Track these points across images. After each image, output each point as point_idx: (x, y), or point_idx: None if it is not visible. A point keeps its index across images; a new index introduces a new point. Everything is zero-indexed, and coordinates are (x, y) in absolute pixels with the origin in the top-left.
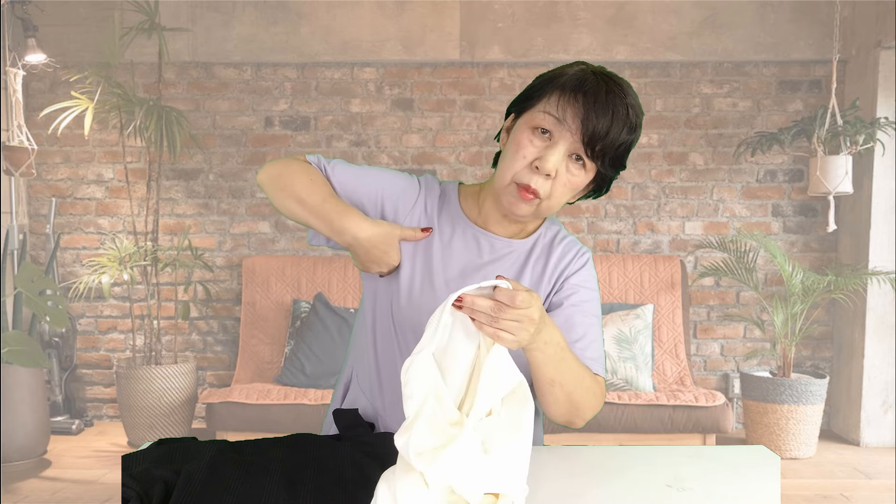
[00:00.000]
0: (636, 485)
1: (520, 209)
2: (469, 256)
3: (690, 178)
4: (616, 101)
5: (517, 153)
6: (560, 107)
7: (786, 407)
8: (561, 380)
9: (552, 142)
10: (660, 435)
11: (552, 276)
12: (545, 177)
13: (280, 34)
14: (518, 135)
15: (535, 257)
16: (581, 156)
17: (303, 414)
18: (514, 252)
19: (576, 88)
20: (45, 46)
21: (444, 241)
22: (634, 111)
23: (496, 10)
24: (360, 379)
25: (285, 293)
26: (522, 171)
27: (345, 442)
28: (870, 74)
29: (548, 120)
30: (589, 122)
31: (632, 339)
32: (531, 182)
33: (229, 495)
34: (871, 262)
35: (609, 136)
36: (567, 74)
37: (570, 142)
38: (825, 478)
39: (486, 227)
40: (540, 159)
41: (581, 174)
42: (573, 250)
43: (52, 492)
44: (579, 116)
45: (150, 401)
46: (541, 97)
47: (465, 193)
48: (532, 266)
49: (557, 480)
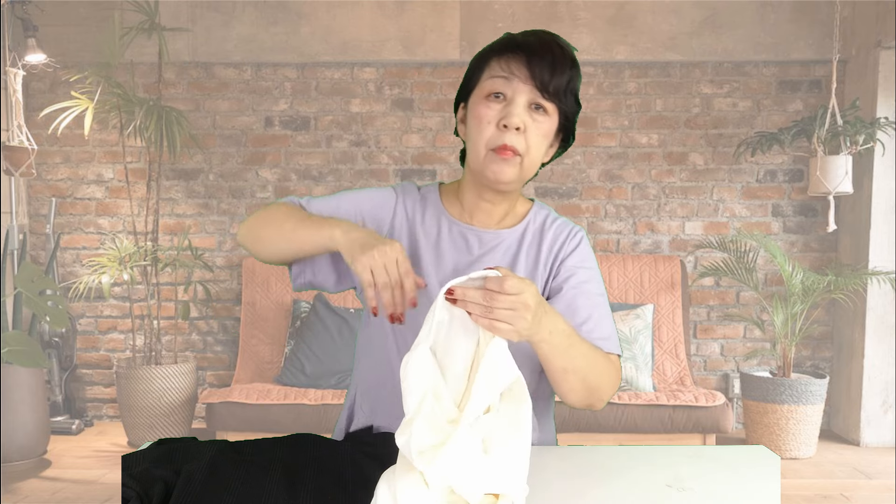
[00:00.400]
0: (636, 485)
1: (504, 173)
2: (459, 254)
3: (690, 178)
4: (550, 44)
5: (481, 123)
6: (503, 66)
7: (786, 407)
8: (573, 367)
9: (509, 99)
10: (660, 435)
11: (547, 261)
12: (515, 131)
13: (280, 34)
14: (475, 109)
15: (528, 244)
16: (540, 103)
17: (303, 414)
18: (504, 242)
19: (511, 46)
20: (45, 46)
21: (432, 242)
22: (568, 48)
23: (496, 10)
24: (364, 401)
25: (285, 293)
26: (492, 135)
27: (345, 442)
28: (870, 74)
29: (497, 83)
30: (534, 66)
31: (632, 339)
32: (506, 140)
33: (229, 495)
34: (871, 262)
35: (557, 74)
36: (496, 43)
37: (525, 92)
38: (825, 478)
39: (472, 222)
40: (504, 117)
41: (546, 120)
42: (565, 231)
43: (52, 492)
44: (525, 66)
45: (150, 401)
46: (482, 71)
47: (446, 192)
48: (525, 253)
49: (557, 480)
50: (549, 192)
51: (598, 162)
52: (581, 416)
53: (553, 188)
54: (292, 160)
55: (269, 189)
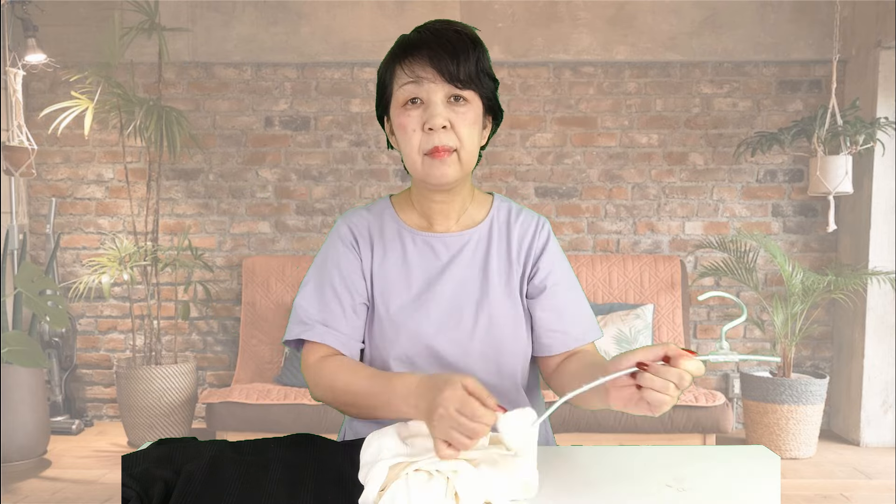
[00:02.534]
0: (636, 485)
1: (446, 174)
2: (427, 263)
3: (690, 178)
4: (445, 32)
5: (406, 132)
6: (408, 71)
7: (786, 407)
8: None
9: (426, 101)
10: (660, 435)
11: (519, 257)
12: (443, 130)
13: (280, 34)
14: (397, 120)
15: (496, 240)
16: (457, 94)
17: (303, 414)
18: (470, 241)
19: (407, 48)
20: (45, 46)
21: (398, 257)
22: (466, 29)
23: (496, 10)
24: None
25: (285, 293)
26: (421, 140)
27: (345, 442)
28: (870, 74)
29: (409, 89)
30: (438, 62)
31: (632, 339)
32: (435, 142)
33: (229, 495)
34: (871, 262)
35: (462, 61)
36: (395, 48)
37: (438, 90)
38: (825, 478)
39: (433, 228)
40: (427, 121)
41: (468, 108)
42: (532, 225)
43: (52, 492)
44: (429, 64)
45: (150, 401)
46: (392, 81)
47: (400, 203)
48: (496, 249)
49: (558, 480)
50: (549, 192)
51: (598, 162)
52: (581, 416)
53: (553, 188)
54: (292, 160)
55: (269, 189)
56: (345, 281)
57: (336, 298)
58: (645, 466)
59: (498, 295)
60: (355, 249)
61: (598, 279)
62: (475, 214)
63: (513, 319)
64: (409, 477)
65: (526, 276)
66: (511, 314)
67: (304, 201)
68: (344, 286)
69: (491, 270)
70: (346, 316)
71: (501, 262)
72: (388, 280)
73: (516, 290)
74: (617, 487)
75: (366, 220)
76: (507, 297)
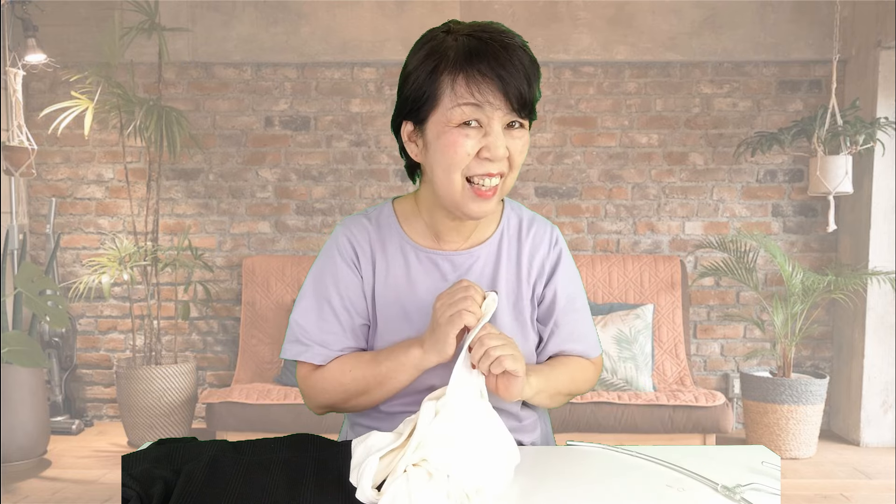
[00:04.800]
0: (636, 485)
1: (485, 210)
2: (432, 283)
3: (690, 178)
4: (513, 49)
5: (455, 153)
6: (471, 90)
7: (786, 407)
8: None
9: (485, 127)
10: (660, 435)
11: (529, 276)
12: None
13: (280, 34)
14: (446, 137)
15: (506, 257)
16: (516, 121)
17: (303, 414)
18: (479, 260)
19: (472, 61)
20: (45, 46)
21: (402, 278)
22: (527, 47)
23: (496, 10)
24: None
25: (285, 293)
26: (472, 165)
27: (345, 442)
28: (870, 74)
29: (466, 110)
30: (509, 89)
31: (632, 339)
32: (489, 169)
33: (229, 495)
34: (871, 262)
35: (530, 88)
36: (447, 53)
37: (501, 118)
38: (825, 478)
39: (439, 246)
40: (485, 148)
41: (524, 132)
42: (545, 240)
43: (52, 492)
44: (499, 89)
45: (150, 401)
46: (440, 91)
47: (403, 211)
48: (505, 268)
49: (557, 480)
50: (549, 192)
51: (598, 162)
52: (581, 416)
53: (553, 188)
54: (292, 160)
55: (269, 189)
56: (344, 301)
57: (335, 318)
58: (645, 466)
59: (504, 317)
60: (355, 266)
61: (598, 279)
62: (485, 227)
63: (519, 342)
64: (408, 476)
65: (535, 296)
66: (517, 337)
67: (304, 201)
68: (343, 306)
69: (499, 290)
70: (345, 336)
71: (510, 281)
72: (389, 303)
73: (525, 312)
74: (617, 487)
75: (367, 231)
76: (515, 319)
